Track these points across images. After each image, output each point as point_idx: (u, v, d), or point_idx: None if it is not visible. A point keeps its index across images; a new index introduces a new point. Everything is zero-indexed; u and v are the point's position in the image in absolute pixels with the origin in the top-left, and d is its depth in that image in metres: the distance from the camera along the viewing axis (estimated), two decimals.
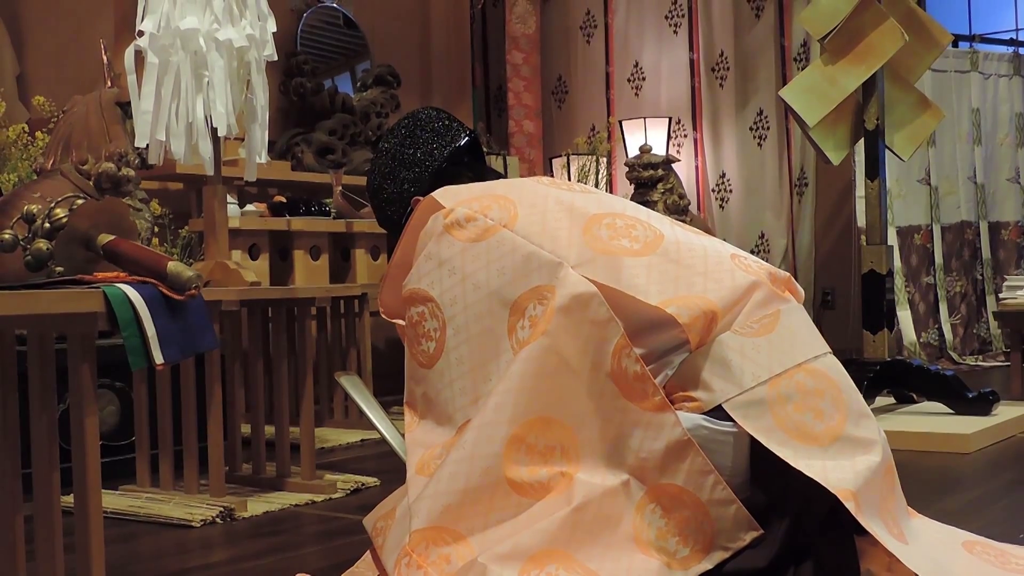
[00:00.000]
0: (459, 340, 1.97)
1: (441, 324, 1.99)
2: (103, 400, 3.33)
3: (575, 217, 1.99)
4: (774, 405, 1.80)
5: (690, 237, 2.02)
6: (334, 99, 5.14)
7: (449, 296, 1.99)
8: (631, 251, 1.92)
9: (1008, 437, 3.68)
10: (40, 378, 1.83)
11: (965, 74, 6.55)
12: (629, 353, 1.82)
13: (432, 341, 2.02)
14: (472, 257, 1.98)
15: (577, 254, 1.92)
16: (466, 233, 2.00)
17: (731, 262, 1.95)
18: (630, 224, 2.00)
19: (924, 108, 4.20)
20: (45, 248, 1.84)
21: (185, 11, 2.84)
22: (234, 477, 3.11)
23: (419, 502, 1.81)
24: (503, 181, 2.25)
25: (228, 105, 2.88)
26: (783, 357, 1.85)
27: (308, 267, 4.42)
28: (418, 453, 1.99)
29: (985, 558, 1.92)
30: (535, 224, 1.98)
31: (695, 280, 1.89)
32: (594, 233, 1.95)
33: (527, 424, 1.83)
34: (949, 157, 6.47)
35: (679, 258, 1.93)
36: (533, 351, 1.84)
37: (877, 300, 4.04)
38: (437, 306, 2.00)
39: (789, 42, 6.38)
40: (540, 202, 2.03)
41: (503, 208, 2.01)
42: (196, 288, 1.81)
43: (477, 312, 1.96)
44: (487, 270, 1.96)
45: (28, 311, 1.66)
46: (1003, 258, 6.64)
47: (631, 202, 2.16)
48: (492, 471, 1.81)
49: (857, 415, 1.87)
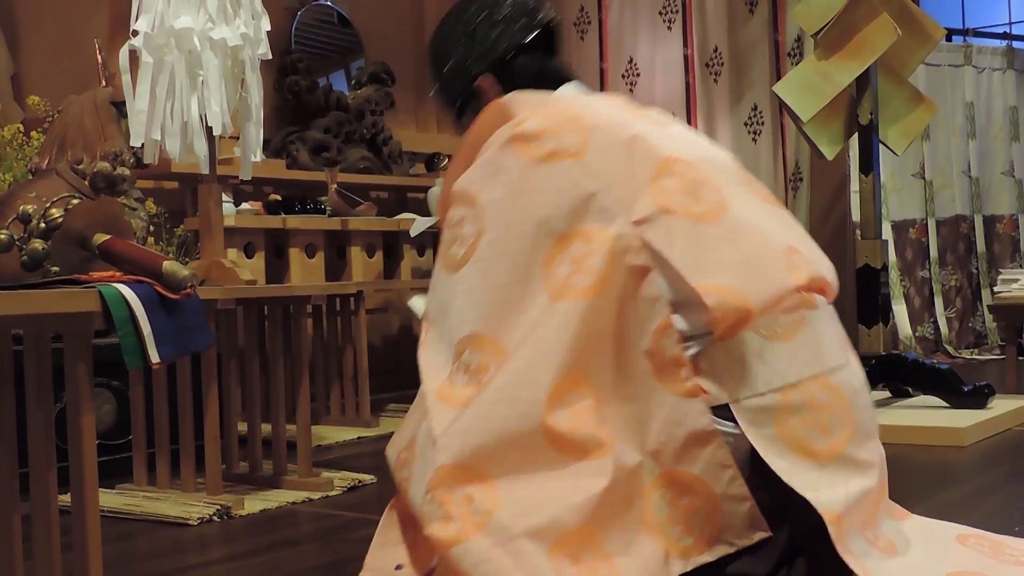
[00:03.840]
0: (491, 252, 1.86)
1: (478, 231, 1.87)
2: (99, 399, 3.33)
3: (648, 157, 1.87)
4: (780, 415, 1.76)
5: (753, 215, 1.90)
6: (329, 97, 5.14)
7: (496, 207, 1.88)
8: (692, 214, 1.82)
9: (1004, 430, 3.68)
10: (36, 378, 1.84)
11: (959, 68, 6.56)
12: (671, 334, 1.77)
13: (463, 246, 1.89)
14: (532, 177, 1.87)
15: (640, 207, 1.82)
16: (531, 150, 1.88)
17: (783, 259, 1.86)
18: (699, 181, 1.87)
19: (918, 102, 4.21)
20: (41, 248, 1.84)
21: (179, 10, 2.85)
22: (231, 475, 3.12)
23: (448, 437, 1.73)
24: (580, 99, 2.07)
25: (223, 104, 2.89)
26: (801, 366, 1.80)
27: (304, 265, 4.43)
28: (434, 376, 1.90)
29: (979, 550, 1.92)
30: (604, 160, 1.86)
31: (741, 270, 1.80)
32: (662, 183, 1.85)
33: (568, 379, 1.75)
34: (943, 151, 6.48)
35: (735, 237, 1.83)
36: (585, 309, 1.76)
37: (872, 294, 4.05)
38: (481, 212, 1.88)
39: (783, 37, 6.38)
40: (615, 134, 1.90)
41: (574, 133, 1.89)
42: (191, 287, 1.81)
43: (519, 231, 1.85)
44: (543, 195, 1.85)
45: (24, 311, 1.67)
46: (998, 251, 6.66)
47: (711, 146, 2.04)
48: (531, 417, 1.72)
49: (862, 436, 1.82)
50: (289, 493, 2.98)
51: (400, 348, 5.45)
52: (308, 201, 4.63)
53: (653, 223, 1.81)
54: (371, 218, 4.69)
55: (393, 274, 4.91)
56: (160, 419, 3.01)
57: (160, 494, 2.96)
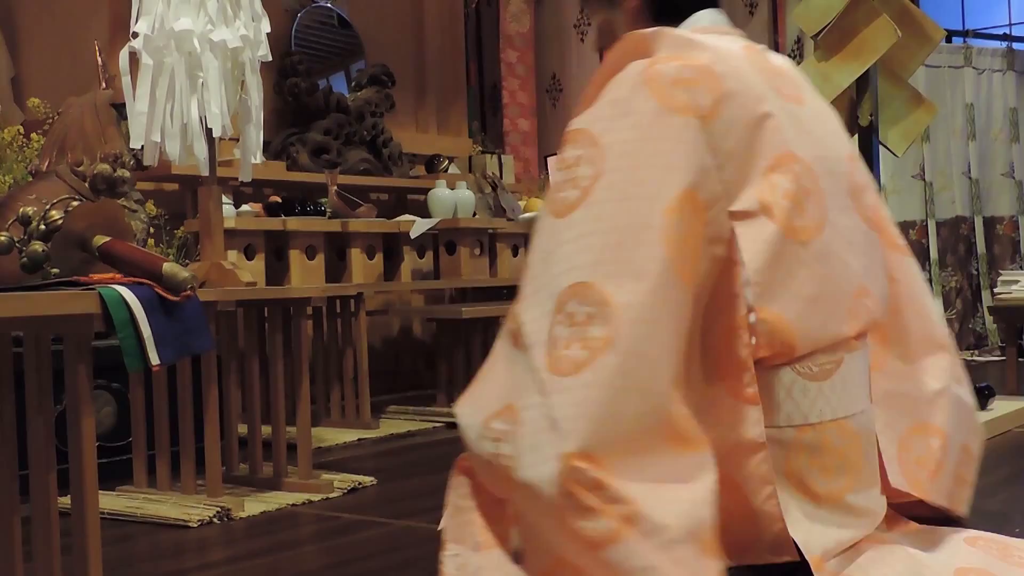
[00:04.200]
0: (609, 195, 1.69)
1: (595, 174, 1.71)
2: (99, 401, 3.33)
3: (768, 147, 1.75)
4: (792, 451, 1.74)
5: (843, 242, 1.80)
6: (329, 99, 5.14)
7: (620, 149, 1.71)
8: (789, 227, 1.72)
9: (1004, 432, 3.68)
10: (37, 380, 1.84)
11: (959, 69, 6.57)
12: (742, 336, 1.70)
13: (577, 189, 1.72)
14: (663, 124, 1.71)
15: (745, 198, 1.72)
16: (665, 95, 1.72)
17: (850, 302, 1.79)
18: (809, 188, 1.77)
19: (917, 104, 4.21)
20: (41, 250, 1.84)
21: (179, 12, 2.85)
22: (231, 477, 3.11)
23: (574, 422, 1.55)
24: (724, 53, 1.84)
25: (223, 106, 2.88)
26: (824, 408, 1.76)
27: (304, 267, 4.43)
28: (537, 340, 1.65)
29: (987, 551, 1.92)
30: (728, 135, 1.73)
31: (806, 308, 1.73)
32: (772, 180, 1.74)
33: (682, 365, 1.64)
34: (943, 152, 6.48)
35: (815, 269, 1.74)
36: (689, 296, 1.66)
37: None
38: (601, 153, 1.72)
39: (783, 38, 6.39)
40: (747, 109, 1.75)
41: (709, 93, 1.73)
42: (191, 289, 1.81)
43: (643, 177, 1.69)
44: (673, 144, 1.70)
45: (24, 313, 1.67)
46: (998, 252, 6.65)
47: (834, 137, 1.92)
48: (661, 412, 1.59)
49: (865, 484, 1.79)
50: (289, 495, 2.97)
51: (400, 350, 5.45)
52: (308, 203, 4.63)
53: (750, 221, 1.71)
54: (371, 220, 4.69)
55: (393, 276, 4.91)
56: (160, 421, 3.01)
57: (160, 496, 2.96)
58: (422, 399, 4.91)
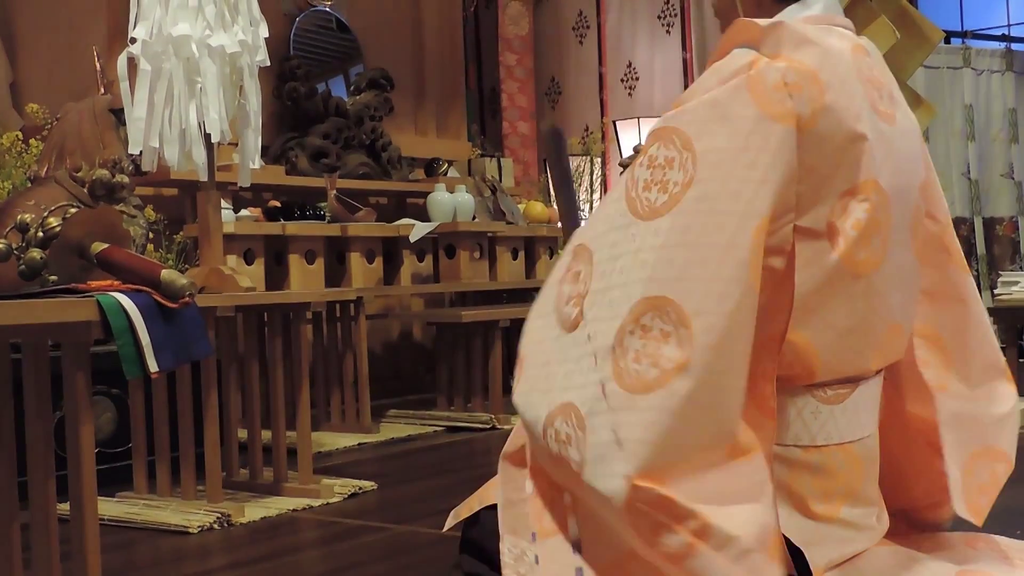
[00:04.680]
0: (698, 207, 1.63)
1: (687, 181, 1.64)
2: (99, 407, 3.33)
3: (852, 171, 1.69)
4: (796, 470, 1.73)
5: (892, 280, 1.76)
6: (327, 103, 5.14)
7: (715, 158, 1.65)
8: (848, 259, 1.68)
9: None
10: (35, 387, 1.83)
11: (958, 70, 6.57)
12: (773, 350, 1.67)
13: (665, 194, 1.66)
14: (761, 133, 1.64)
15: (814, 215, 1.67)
16: (767, 101, 1.65)
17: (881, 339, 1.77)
18: (879, 224, 1.71)
19: (916, 105, 4.21)
20: (39, 257, 1.84)
21: (177, 17, 2.84)
22: (231, 482, 3.11)
23: (638, 445, 1.55)
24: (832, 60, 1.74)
25: (221, 111, 2.88)
26: (833, 431, 1.76)
27: (303, 271, 4.43)
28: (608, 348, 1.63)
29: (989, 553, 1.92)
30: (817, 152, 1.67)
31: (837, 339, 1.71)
32: (848, 205, 1.69)
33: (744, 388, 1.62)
34: (943, 153, 6.48)
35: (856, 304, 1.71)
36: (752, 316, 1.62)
37: None
38: (695, 160, 1.65)
39: None
40: (842, 126, 1.68)
41: (811, 102, 1.66)
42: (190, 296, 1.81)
43: (736, 191, 1.63)
44: (770, 156, 1.63)
45: (22, 321, 1.67)
46: (998, 253, 6.65)
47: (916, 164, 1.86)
48: (724, 437, 1.59)
49: (862, 504, 1.80)
50: (289, 500, 2.97)
51: (400, 354, 5.45)
52: (307, 207, 4.63)
53: (812, 242, 1.67)
54: (370, 224, 4.69)
55: (393, 280, 4.91)
56: (160, 427, 3.01)
57: (160, 502, 2.95)
58: (422, 403, 4.91)
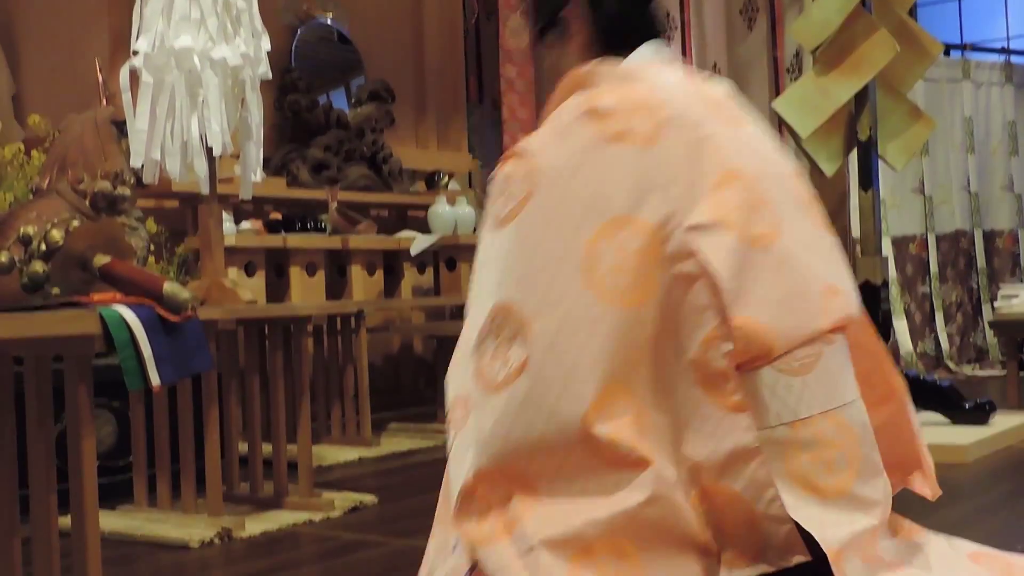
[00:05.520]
0: (535, 218, 1.80)
1: (527, 192, 1.82)
2: (100, 420, 3.32)
3: (713, 165, 1.82)
4: (790, 450, 1.75)
5: (803, 245, 1.86)
6: (329, 115, 5.14)
7: (553, 173, 1.81)
8: (747, 236, 1.78)
9: (1006, 447, 3.68)
10: (37, 400, 1.83)
11: (957, 83, 6.58)
12: (718, 346, 1.73)
13: (510, 203, 1.84)
14: (596, 153, 1.80)
15: (699, 212, 1.77)
16: (602, 126, 1.82)
17: (820, 300, 1.82)
18: (758, 201, 1.82)
19: (916, 118, 4.21)
20: (41, 270, 1.84)
21: (179, 30, 2.85)
22: (232, 496, 3.11)
23: (491, 439, 1.72)
24: (662, 82, 1.95)
25: (223, 123, 2.89)
26: (812, 401, 1.77)
27: (304, 284, 4.43)
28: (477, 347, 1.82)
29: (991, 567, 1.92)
30: (671, 156, 1.80)
31: (778, 309, 1.77)
32: (723, 195, 1.80)
33: (609, 390, 1.72)
34: (943, 166, 6.49)
35: (780, 272, 1.79)
36: (631, 319, 1.73)
37: (872, 311, 4.04)
38: (535, 174, 1.82)
39: (781, 53, 6.40)
40: (687, 131, 1.83)
41: (648, 120, 1.82)
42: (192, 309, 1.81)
43: (570, 203, 1.78)
44: (604, 173, 1.79)
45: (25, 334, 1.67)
46: (998, 266, 6.66)
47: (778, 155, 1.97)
48: (572, 429, 1.70)
49: (868, 474, 1.81)
50: (290, 514, 2.97)
51: (401, 367, 5.44)
52: (308, 219, 4.64)
53: (707, 233, 1.76)
54: (371, 236, 4.69)
55: (394, 292, 4.91)
56: (161, 440, 3.00)
57: (161, 516, 2.95)
58: (423, 416, 4.90)
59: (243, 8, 2.95)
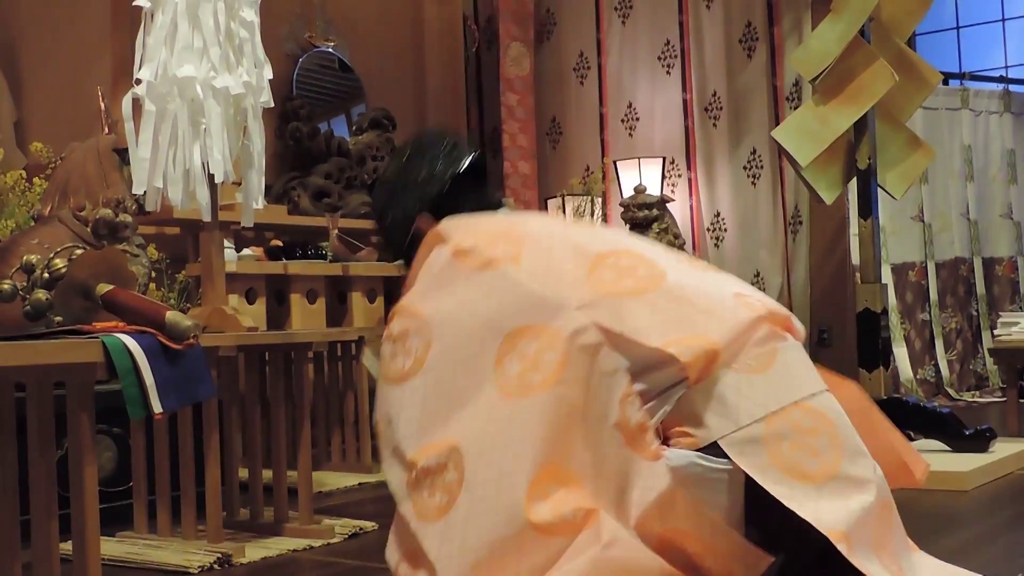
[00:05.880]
0: (441, 361, 1.94)
1: (425, 343, 1.96)
2: (100, 445, 3.32)
3: (580, 256, 2.00)
4: (770, 443, 1.82)
5: (693, 275, 2.03)
6: (330, 143, 5.16)
7: (441, 316, 1.98)
8: (635, 291, 1.93)
9: (1006, 474, 3.67)
10: (39, 427, 1.84)
11: (956, 111, 6.60)
12: (633, 401, 1.83)
13: (410, 358, 1.98)
14: (474, 284, 1.98)
15: (581, 296, 1.92)
16: (470, 261, 2.01)
17: (733, 300, 1.96)
18: (633, 264, 2.00)
19: (915, 147, 4.24)
20: (44, 298, 1.85)
21: (182, 59, 2.86)
22: (232, 522, 3.10)
23: (446, 560, 1.80)
24: (510, 217, 2.25)
25: (225, 152, 2.90)
26: (779, 394, 1.86)
27: (305, 311, 4.43)
28: (407, 497, 1.94)
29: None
30: (540, 263, 1.98)
31: (697, 319, 1.90)
32: (598, 275, 1.96)
33: (544, 471, 1.82)
34: (942, 194, 6.50)
35: (682, 296, 1.93)
36: (548, 401, 1.84)
37: (872, 339, 4.05)
38: (426, 324, 1.98)
39: (781, 82, 6.43)
40: (546, 240, 2.04)
41: (508, 243, 2.02)
42: (194, 337, 1.82)
43: (467, 335, 1.94)
44: (487, 299, 1.96)
45: (28, 362, 1.67)
46: (997, 293, 6.66)
47: (635, 238, 2.18)
48: (516, 519, 1.79)
49: (853, 453, 1.88)
50: (290, 540, 2.96)
51: None
52: (309, 247, 4.64)
53: (598, 306, 1.91)
54: (372, 263, 4.70)
55: None
56: (161, 466, 3.00)
57: (161, 542, 2.95)
58: None
59: (246, 38, 2.97)
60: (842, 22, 4.00)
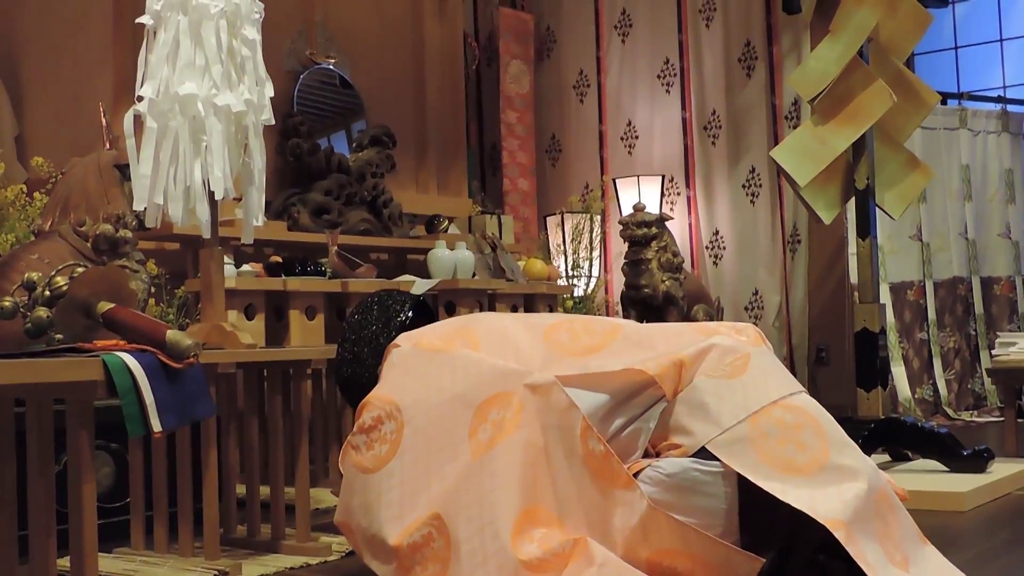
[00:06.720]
0: (416, 440, 2.04)
1: (399, 426, 2.07)
2: (98, 461, 3.32)
3: (533, 329, 2.14)
4: (756, 441, 1.86)
5: (651, 326, 2.17)
6: (330, 159, 5.17)
7: (411, 398, 2.09)
8: (593, 347, 2.06)
9: (1004, 495, 3.67)
10: (38, 444, 1.84)
11: (954, 131, 6.62)
12: (592, 434, 1.90)
13: (386, 444, 2.09)
14: (438, 364, 2.10)
15: (542, 357, 2.04)
16: (431, 349, 2.15)
17: (690, 328, 2.09)
18: (587, 324, 2.14)
19: (914, 167, 4.24)
20: (45, 316, 1.85)
21: (184, 77, 2.87)
22: (229, 539, 3.10)
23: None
24: (459, 317, 2.42)
25: (226, 169, 2.91)
26: (759, 395, 1.92)
27: (304, 327, 4.43)
28: None
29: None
30: (496, 342, 2.11)
31: (659, 347, 2.02)
32: (555, 338, 2.09)
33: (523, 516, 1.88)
34: (940, 213, 6.52)
35: (640, 339, 2.05)
36: (513, 445, 1.92)
37: (870, 358, 4.05)
38: (397, 408, 2.09)
39: (780, 101, 6.45)
40: (497, 324, 2.18)
41: (466, 336, 2.16)
42: (194, 356, 1.82)
43: (438, 414, 2.04)
44: (452, 376, 2.07)
45: (28, 380, 1.68)
46: (996, 313, 6.67)
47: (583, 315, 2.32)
48: (507, 564, 1.84)
49: (840, 444, 1.92)
50: (287, 558, 2.96)
51: None
52: (308, 263, 4.64)
53: (561, 362, 2.02)
54: (371, 280, 4.70)
55: None
56: (159, 482, 3.00)
57: (158, 559, 2.94)
58: None
59: (247, 56, 2.98)
60: (841, 43, 4.01)
